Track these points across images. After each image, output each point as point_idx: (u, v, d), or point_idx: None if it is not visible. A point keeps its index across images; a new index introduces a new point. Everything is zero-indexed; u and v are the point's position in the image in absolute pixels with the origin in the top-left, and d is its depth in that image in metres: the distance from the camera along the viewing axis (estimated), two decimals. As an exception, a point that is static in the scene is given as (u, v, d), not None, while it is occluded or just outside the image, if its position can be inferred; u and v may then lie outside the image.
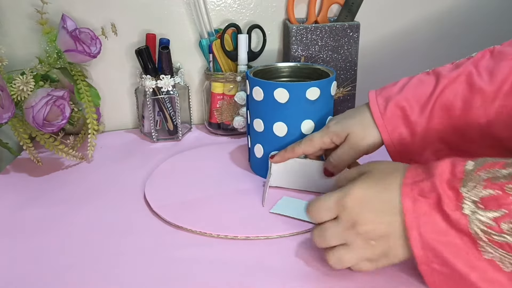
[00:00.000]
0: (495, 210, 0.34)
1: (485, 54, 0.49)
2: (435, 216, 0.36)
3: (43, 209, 0.57)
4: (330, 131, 0.54)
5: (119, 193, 0.61)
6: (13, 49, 0.75)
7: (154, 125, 0.77)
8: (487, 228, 0.34)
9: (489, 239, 0.35)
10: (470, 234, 0.35)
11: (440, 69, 0.51)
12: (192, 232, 0.51)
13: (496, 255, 0.35)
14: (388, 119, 0.51)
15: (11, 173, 0.68)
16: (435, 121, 0.49)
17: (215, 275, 0.44)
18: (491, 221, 0.34)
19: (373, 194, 0.40)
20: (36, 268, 0.46)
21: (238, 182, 0.62)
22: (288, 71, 0.66)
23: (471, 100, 0.47)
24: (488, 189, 0.35)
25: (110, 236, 0.51)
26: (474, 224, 0.35)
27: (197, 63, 0.82)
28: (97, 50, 0.71)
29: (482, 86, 0.46)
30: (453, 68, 0.50)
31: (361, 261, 0.42)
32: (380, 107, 0.51)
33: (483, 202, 0.35)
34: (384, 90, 0.53)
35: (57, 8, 0.73)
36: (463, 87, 0.48)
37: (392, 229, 0.39)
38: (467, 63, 0.49)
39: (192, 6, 0.77)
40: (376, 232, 0.40)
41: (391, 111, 0.51)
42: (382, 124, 0.51)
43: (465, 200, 0.36)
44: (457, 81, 0.48)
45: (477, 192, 0.35)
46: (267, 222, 0.52)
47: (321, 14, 0.79)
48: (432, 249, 0.37)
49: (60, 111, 0.64)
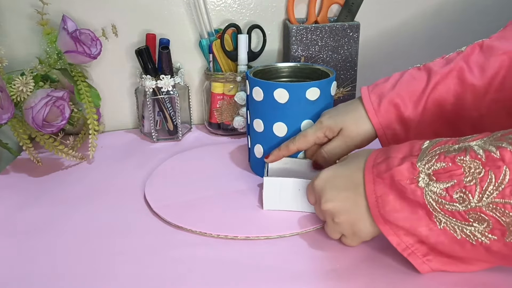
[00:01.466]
0: (447, 181, 0.37)
1: (475, 49, 0.50)
2: (390, 196, 0.40)
3: (43, 209, 0.57)
4: (323, 126, 0.54)
5: (119, 193, 0.61)
6: (13, 49, 0.75)
7: (154, 125, 0.77)
8: (440, 198, 0.37)
9: (441, 208, 0.37)
10: (425, 206, 0.38)
11: (431, 64, 0.51)
12: (192, 232, 0.51)
13: (449, 224, 0.37)
14: (382, 116, 0.52)
15: (11, 173, 0.68)
16: (428, 116, 0.50)
17: (215, 275, 0.44)
18: (443, 191, 0.37)
19: (337, 174, 0.45)
20: (36, 268, 0.46)
21: (238, 182, 0.62)
22: (288, 71, 0.66)
23: (463, 95, 0.48)
24: (441, 161, 0.37)
25: (110, 236, 0.51)
26: (428, 195, 0.38)
27: (197, 63, 0.82)
28: (98, 51, 0.71)
29: (474, 81, 0.47)
30: (444, 64, 0.50)
31: (339, 235, 0.47)
32: (374, 104, 0.52)
33: (435, 174, 0.38)
34: (376, 87, 0.53)
35: (57, 9, 0.73)
36: (455, 82, 0.49)
37: (353, 206, 0.43)
38: (458, 58, 0.50)
39: (192, 6, 0.77)
40: (337, 209, 0.44)
41: (385, 108, 0.51)
42: (377, 122, 0.52)
43: (420, 174, 0.38)
44: (449, 76, 0.49)
45: (430, 165, 0.38)
46: (267, 222, 0.52)
47: (321, 14, 0.79)
48: (394, 224, 0.40)
49: (60, 111, 0.64)
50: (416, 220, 0.39)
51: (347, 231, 0.45)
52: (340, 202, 0.44)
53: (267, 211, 0.54)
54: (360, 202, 0.43)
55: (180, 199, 0.58)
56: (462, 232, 0.37)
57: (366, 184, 0.42)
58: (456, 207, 0.36)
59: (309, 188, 0.49)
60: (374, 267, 0.45)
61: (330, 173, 0.46)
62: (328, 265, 0.45)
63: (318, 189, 0.46)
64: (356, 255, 0.47)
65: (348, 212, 0.44)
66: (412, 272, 0.44)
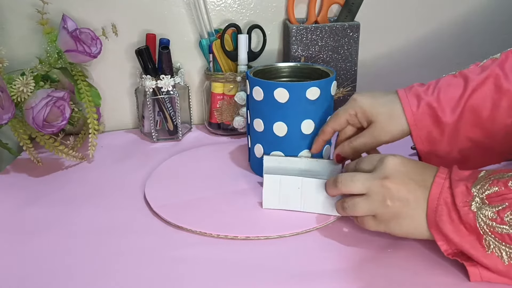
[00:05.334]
0: (499, 204, 0.38)
1: (509, 56, 0.50)
2: (451, 209, 0.41)
3: (43, 209, 0.57)
4: (356, 105, 0.53)
5: (119, 193, 0.61)
6: (13, 49, 0.75)
7: (154, 125, 0.77)
8: (490, 220, 0.38)
9: (492, 231, 0.39)
10: (476, 229, 0.39)
11: (466, 71, 0.52)
12: (192, 232, 0.51)
13: (497, 250, 0.39)
14: (419, 118, 0.51)
15: (11, 173, 0.68)
16: (464, 122, 0.50)
17: (215, 275, 0.44)
18: (494, 214, 0.38)
19: (411, 166, 0.45)
20: (36, 268, 0.46)
21: (238, 182, 0.62)
22: (288, 71, 0.66)
23: (499, 101, 0.49)
24: (494, 186, 0.39)
25: (110, 236, 0.51)
26: (480, 218, 0.39)
27: (197, 63, 0.82)
28: (98, 50, 0.71)
29: (510, 87, 0.48)
30: (480, 71, 0.51)
31: (370, 214, 0.46)
32: (412, 104, 0.52)
33: (488, 198, 0.39)
34: (413, 89, 0.53)
35: (57, 8, 0.73)
36: (492, 89, 0.49)
37: (413, 200, 0.43)
38: (493, 65, 0.50)
39: (192, 6, 0.77)
40: (398, 193, 0.44)
41: (423, 109, 0.51)
42: (413, 122, 0.51)
43: (474, 198, 0.40)
44: (485, 83, 0.49)
45: (484, 190, 0.40)
46: (267, 222, 0.52)
47: (321, 14, 0.79)
48: (446, 234, 0.42)
49: (60, 112, 0.64)
50: (467, 242, 0.41)
51: (387, 216, 0.45)
52: (405, 189, 0.44)
53: (267, 211, 0.54)
54: (421, 202, 0.43)
55: (180, 199, 0.58)
56: (509, 257, 0.39)
57: (432, 188, 0.43)
58: (507, 230, 0.38)
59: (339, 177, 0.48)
60: (374, 267, 0.45)
61: (399, 159, 0.46)
62: (328, 265, 0.45)
63: (380, 165, 0.46)
64: (356, 255, 0.47)
65: (407, 203, 0.43)
66: (412, 272, 0.44)
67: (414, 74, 0.88)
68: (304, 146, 0.60)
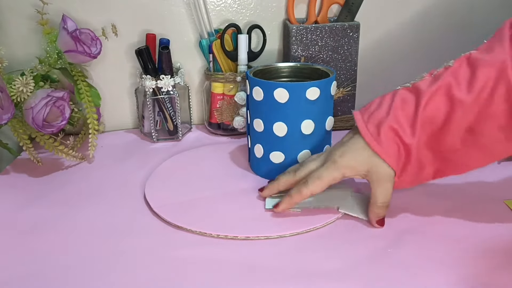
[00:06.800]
0: None
1: (462, 63, 0.49)
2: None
3: (43, 209, 0.57)
4: (341, 166, 0.50)
5: (119, 193, 0.61)
6: (13, 49, 0.75)
7: (154, 125, 0.77)
8: None
9: None
10: None
11: (419, 83, 0.50)
12: (192, 232, 0.51)
13: None
14: (385, 148, 0.49)
15: (11, 173, 0.68)
16: (423, 136, 0.49)
17: (215, 275, 0.44)
18: None
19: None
20: (36, 268, 0.46)
21: (238, 182, 0.62)
22: (288, 71, 0.66)
23: (452, 112, 0.47)
24: None
25: (110, 236, 0.51)
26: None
27: (197, 63, 0.82)
28: (98, 51, 0.71)
29: (462, 97, 0.47)
30: (432, 82, 0.49)
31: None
32: (374, 135, 0.50)
33: None
34: (372, 116, 0.51)
35: (57, 8, 0.73)
36: (443, 99, 0.48)
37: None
38: (446, 74, 0.49)
39: (192, 6, 0.77)
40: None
41: (385, 135, 0.49)
42: (387, 156, 0.49)
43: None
44: (437, 94, 0.48)
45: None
46: (267, 222, 0.52)
47: (321, 14, 0.79)
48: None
49: (60, 112, 0.64)
50: None
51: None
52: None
53: (267, 211, 0.54)
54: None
55: (180, 199, 0.58)
56: None
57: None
58: None
59: None
60: (374, 267, 0.45)
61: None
62: (328, 265, 0.45)
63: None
64: (356, 255, 0.47)
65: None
66: (412, 272, 0.44)
67: (414, 74, 0.88)
68: (304, 147, 0.60)
